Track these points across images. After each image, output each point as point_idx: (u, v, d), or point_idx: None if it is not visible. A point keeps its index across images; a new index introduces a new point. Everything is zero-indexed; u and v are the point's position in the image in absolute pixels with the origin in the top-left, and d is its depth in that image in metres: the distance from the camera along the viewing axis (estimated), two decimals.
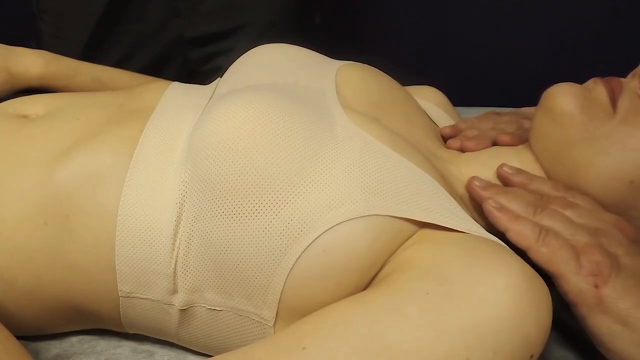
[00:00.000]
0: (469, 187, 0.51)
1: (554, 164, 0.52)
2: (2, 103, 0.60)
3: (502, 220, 0.46)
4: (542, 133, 0.53)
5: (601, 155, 0.49)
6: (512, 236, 0.45)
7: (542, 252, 0.43)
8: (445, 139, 0.64)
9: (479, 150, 0.59)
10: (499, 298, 0.37)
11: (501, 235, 0.46)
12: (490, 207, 0.47)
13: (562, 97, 0.51)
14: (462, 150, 0.60)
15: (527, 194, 0.49)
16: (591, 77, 0.53)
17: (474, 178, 0.51)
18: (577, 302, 0.43)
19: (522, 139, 0.59)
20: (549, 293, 0.40)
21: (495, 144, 0.60)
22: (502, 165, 0.53)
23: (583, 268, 0.43)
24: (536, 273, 0.41)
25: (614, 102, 0.50)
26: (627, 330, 0.42)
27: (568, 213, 0.47)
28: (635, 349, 0.41)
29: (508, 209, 0.47)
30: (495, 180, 0.53)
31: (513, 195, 0.49)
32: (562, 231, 0.45)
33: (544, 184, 0.51)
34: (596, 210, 0.48)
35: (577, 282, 0.43)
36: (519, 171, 0.53)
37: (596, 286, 0.42)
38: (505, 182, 0.53)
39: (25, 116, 0.58)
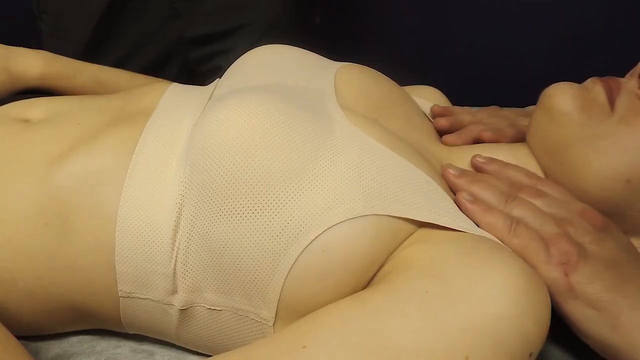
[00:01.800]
0: (444, 175, 0.52)
1: (552, 162, 0.52)
2: (3, 106, 0.60)
3: (474, 213, 0.47)
4: (540, 132, 0.53)
5: (599, 155, 0.49)
6: (485, 228, 0.46)
7: (514, 244, 0.44)
8: (434, 116, 0.64)
9: (459, 144, 0.60)
10: (497, 297, 0.38)
11: None
12: (462, 199, 0.48)
13: (561, 96, 0.51)
14: (443, 141, 0.61)
15: (499, 181, 0.51)
16: (590, 77, 0.53)
17: (448, 165, 0.53)
18: (550, 290, 0.44)
19: (507, 136, 0.60)
20: (547, 291, 0.41)
21: (478, 140, 0.60)
22: (475, 155, 0.54)
23: (552, 257, 0.44)
24: (534, 272, 0.41)
25: (612, 101, 0.50)
26: (598, 313, 0.43)
27: (537, 202, 0.48)
28: (609, 330, 0.42)
29: (480, 199, 0.48)
30: None
31: (485, 184, 0.50)
32: (531, 221, 0.46)
33: (517, 171, 0.52)
34: (565, 200, 0.49)
35: (548, 271, 0.43)
36: (492, 160, 0.54)
37: (566, 274, 0.43)
38: (479, 171, 0.54)
39: (26, 120, 0.58)
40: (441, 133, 0.63)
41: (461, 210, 0.47)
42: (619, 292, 0.43)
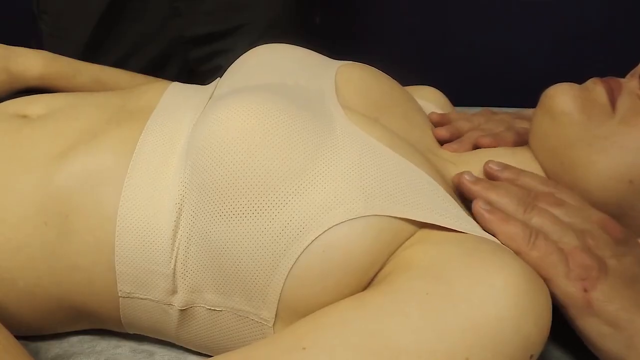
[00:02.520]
0: (458, 182, 0.51)
1: (554, 163, 0.52)
2: (2, 103, 0.60)
3: (492, 223, 0.46)
4: (541, 133, 0.53)
5: (600, 155, 0.49)
6: (503, 239, 0.45)
7: (532, 256, 0.43)
8: (433, 125, 0.64)
9: (460, 152, 0.59)
10: (498, 298, 0.37)
11: None
12: (479, 209, 0.47)
13: (561, 97, 0.51)
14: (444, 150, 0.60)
15: (516, 189, 0.49)
16: (590, 77, 0.53)
17: (463, 173, 0.51)
18: (566, 305, 0.43)
19: (505, 140, 0.59)
20: (548, 292, 0.40)
21: (476, 146, 0.59)
22: (488, 161, 0.53)
23: (572, 272, 0.43)
24: (535, 273, 0.41)
25: (613, 102, 0.50)
26: (615, 331, 0.42)
27: (556, 212, 0.47)
28: (624, 349, 0.42)
29: (497, 208, 0.47)
30: None
31: (502, 191, 0.48)
32: (550, 233, 0.45)
33: (533, 178, 0.51)
34: (583, 209, 0.48)
35: (566, 286, 0.43)
36: (506, 167, 0.52)
37: (585, 290, 0.43)
38: (492, 178, 0.52)
39: (25, 116, 0.58)
40: (441, 142, 0.62)
41: (478, 220, 0.46)
42: (637, 311, 0.42)
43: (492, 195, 0.48)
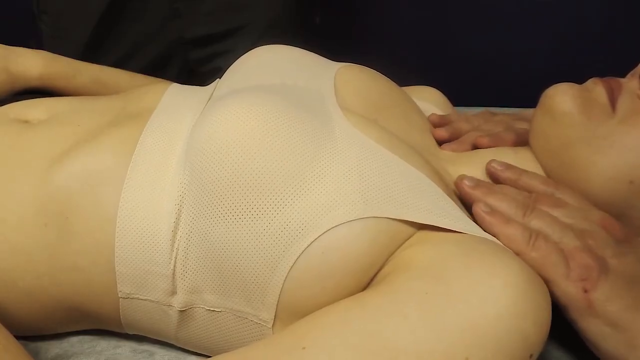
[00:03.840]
0: (458, 187, 0.51)
1: (554, 163, 0.52)
2: (3, 107, 0.60)
3: (493, 225, 0.46)
4: (541, 133, 0.53)
5: (600, 155, 0.49)
6: (503, 240, 0.45)
7: (533, 257, 0.43)
8: (433, 126, 0.64)
9: (458, 152, 0.59)
10: (498, 298, 0.37)
11: None
12: (480, 211, 0.47)
13: (561, 97, 0.51)
14: (443, 150, 0.60)
15: (516, 192, 0.49)
16: (590, 77, 0.53)
17: (463, 177, 0.51)
18: (567, 306, 0.43)
19: (504, 140, 0.59)
20: (548, 292, 0.40)
21: (475, 147, 0.60)
22: (491, 160, 0.53)
23: (572, 272, 0.43)
24: (535, 273, 0.41)
25: (613, 102, 0.50)
26: (616, 332, 0.42)
27: (556, 213, 0.47)
28: (625, 349, 0.42)
29: (498, 211, 0.47)
30: (487, 180, 0.53)
31: (502, 196, 0.49)
32: (550, 234, 0.45)
33: (533, 178, 0.51)
34: (584, 209, 0.48)
35: (566, 286, 0.43)
36: (508, 166, 0.52)
37: (585, 290, 0.42)
38: (494, 178, 0.53)
39: (26, 121, 0.58)
40: (440, 142, 0.62)
41: (477, 222, 0.46)
42: (638, 311, 0.42)
43: (491, 199, 0.48)
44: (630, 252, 0.45)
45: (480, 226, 0.46)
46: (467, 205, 0.51)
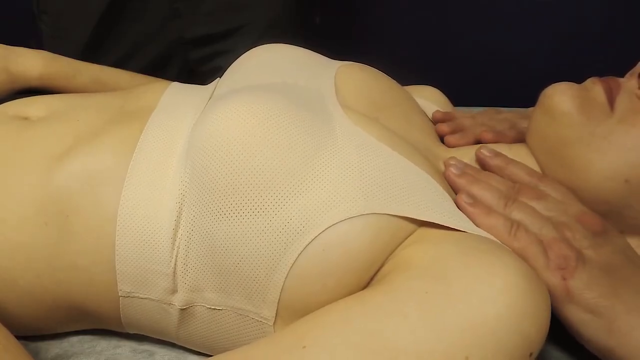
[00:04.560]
0: (445, 174, 0.52)
1: (551, 162, 0.52)
2: (2, 105, 0.60)
3: (475, 216, 0.47)
4: (539, 132, 0.53)
5: (598, 155, 0.49)
6: (485, 231, 0.45)
7: (514, 247, 0.44)
8: (435, 122, 0.64)
9: (461, 145, 0.59)
10: (497, 297, 0.38)
11: None
12: (462, 202, 0.48)
13: (560, 96, 0.51)
14: (445, 143, 0.61)
15: (501, 181, 0.51)
16: (590, 77, 0.53)
17: (451, 159, 0.53)
18: (549, 295, 0.44)
19: (508, 138, 0.59)
20: (547, 292, 0.41)
21: (479, 141, 0.60)
22: (481, 146, 0.55)
23: (551, 262, 0.44)
24: (534, 272, 0.41)
25: (611, 101, 0.50)
26: (595, 318, 0.43)
27: (536, 205, 0.48)
28: (605, 334, 0.43)
29: (480, 201, 0.48)
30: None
31: (485, 185, 0.50)
32: (529, 225, 0.46)
33: (520, 169, 0.52)
34: (565, 202, 0.49)
35: (547, 276, 0.44)
36: (497, 154, 0.54)
37: (564, 279, 0.43)
38: (482, 164, 0.54)
39: (25, 118, 0.58)
40: (443, 137, 0.63)
41: (462, 212, 0.47)
42: (616, 297, 0.43)
43: (475, 189, 0.50)
44: (606, 243, 0.46)
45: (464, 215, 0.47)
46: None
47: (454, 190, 0.51)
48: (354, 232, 0.43)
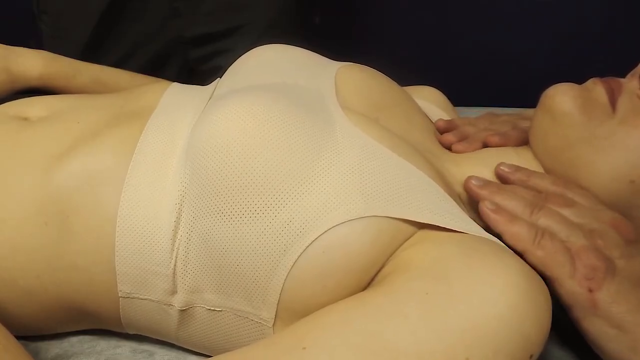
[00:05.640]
0: (466, 186, 0.51)
1: (554, 163, 0.52)
2: (2, 105, 0.60)
3: (498, 223, 0.46)
4: (541, 133, 0.53)
5: (601, 156, 0.49)
6: (508, 239, 0.45)
7: (537, 255, 0.43)
8: (439, 131, 0.64)
9: (469, 151, 0.58)
10: (498, 298, 0.37)
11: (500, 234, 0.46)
12: (485, 208, 0.47)
13: (561, 97, 0.51)
14: (453, 150, 0.60)
15: (525, 191, 0.49)
16: (590, 77, 0.53)
17: (471, 177, 0.51)
18: (571, 305, 0.43)
19: (513, 139, 0.59)
20: (548, 293, 0.40)
21: (485, 145, 0.59)
22: (500, 164, 0.53)
23: (578, 272, 0.43)
24: (535, 273, 0.41)
25: (613, 102, 0.50)
26: (620, 333, 0.42)
27: (565, 212, 0.47)
28: (628, 351, 0.42)
29: (504, 209, 0.47)
30: (494, 180, 0.53)
31: (510, 194, 0.48)
32: (557, 232, 0.45)
33: (543, 179, 0.51)
34: (595, 209, 0.47)
35: (571, 286, 0.43)
36: (518, 168, 0.52)
37: (590, 290, 0.42)
38: (504, 180, 0.52)
39: (26, 118, 0.58)
40: (448, 147, 0.62)
41: (484, 220, 0.46)
42: None
43: (498, 198, 0.48)
44: (638, 253, 0.45)
45: (486, 224, 0.46)
46: (473, 206, 0.51)
47: (477, 202, 0.50)
48: (354, 235, 0.43)
